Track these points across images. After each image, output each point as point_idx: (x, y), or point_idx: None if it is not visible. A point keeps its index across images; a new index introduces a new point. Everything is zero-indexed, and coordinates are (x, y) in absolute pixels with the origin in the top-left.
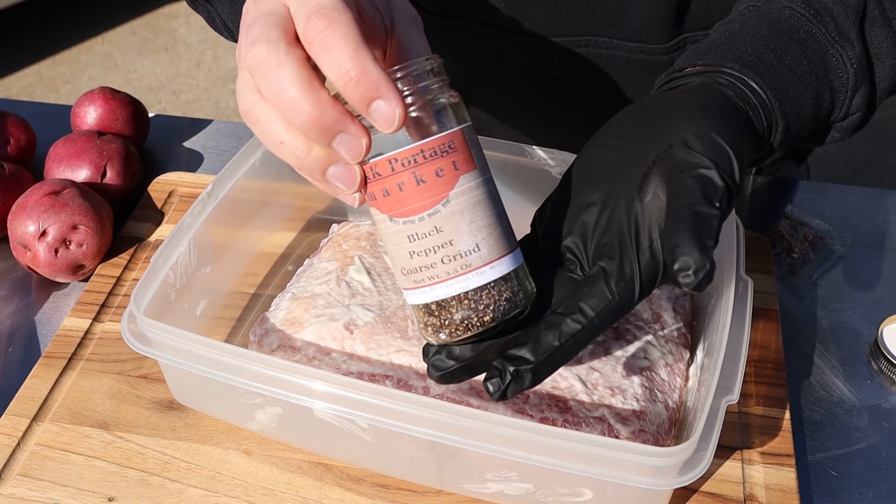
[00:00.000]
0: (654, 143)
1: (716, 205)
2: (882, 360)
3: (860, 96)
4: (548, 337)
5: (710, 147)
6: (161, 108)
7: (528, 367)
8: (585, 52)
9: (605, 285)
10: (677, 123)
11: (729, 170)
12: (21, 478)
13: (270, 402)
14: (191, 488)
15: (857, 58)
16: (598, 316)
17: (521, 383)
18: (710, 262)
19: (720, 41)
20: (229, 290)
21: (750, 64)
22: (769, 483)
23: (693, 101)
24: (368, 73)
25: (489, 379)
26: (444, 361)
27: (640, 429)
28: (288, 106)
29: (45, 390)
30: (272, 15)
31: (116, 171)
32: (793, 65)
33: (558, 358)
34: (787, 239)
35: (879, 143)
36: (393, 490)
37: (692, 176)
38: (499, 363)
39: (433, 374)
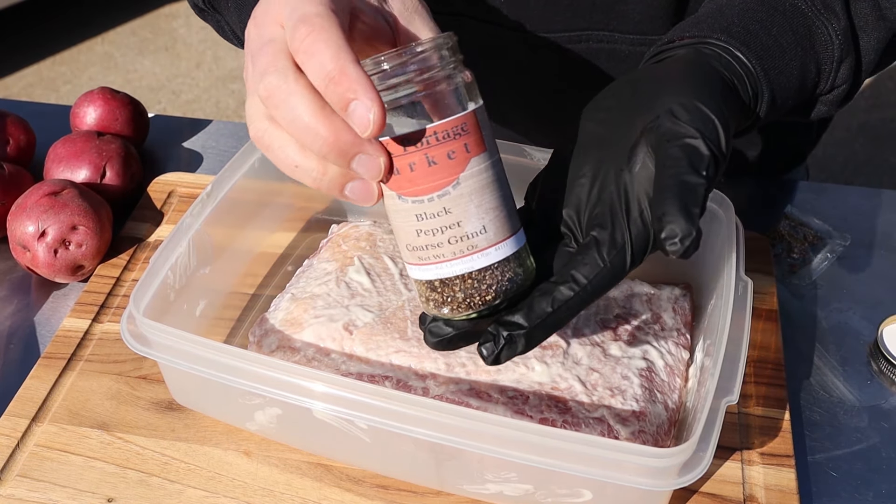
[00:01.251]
0: (642, 114)
1: (702, 173)
2: (882, 360)
3: (846, 68)
4: (541, 303)
5: (696, 116)
6: (161, 108)
7: (521, 332)
8: (586, 47)
9: (598, 253)
10: (663, 94)
11: (715, 139)
12: (20, 478)
13: (270, 402)
14: (190, 489)
15: (843, 30)
16: (590, 283)
17: (515, 348)
18: (696, 229)
19: (708, 14)
20: (229, 291)
21: (736, 34)
22: (769, 483)
23: (679, 72)
24: (347, 73)
25: (483, 343)
26: (442, 328)
27: (640, 429)
28: (303, 132)
29: (44, 391)
30: (275, 42)
31: (116, 171)
32: (778, 36)
33: (551, 324)
34: (787, 239)
35: (879, 143)
36: (393, 491)
37: (678, 145)
38: (493, 328)
39: (430, 339)
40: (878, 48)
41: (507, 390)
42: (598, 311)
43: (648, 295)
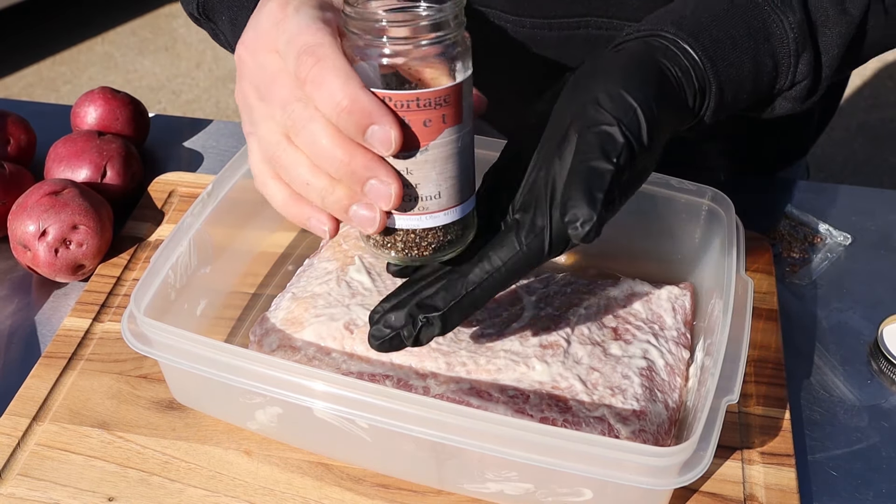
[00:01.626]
0: (574, 102)
1: (612, 160)
2: (882, 360)
3: (804, 63)
4: (456, 285)
5: (618, 104)
6: (161, 108)
7: (437, 315)
8: (585, 34)
9: (515, 237)
10: (595, 84)
11: (634, 127)
12: (21, 478)
13: (270, 402)
14: (191, 488)
15: (798, 23)
16: (504, 265)
17: (433, 330)
18: (597, 214)
19: (669, 8)
20: (229, 290)
21: (685, 27)
22: (769, 483)
23: (617, 63)
24: (359, 101)
25: (404, 327)
26: (381, 331)
27: (641, 429)
28: (321, 154)
29: (45, 390)
30: (283, 72)
31: (116, 171)
32: (731, 29)
33: (466, 305)
34: (787, 239)
35: (879, 143)
36: (393, 490)
37: (595, 132)
38: (412, 310)
39: (373, 343)
40: (840, 42)
41: (508, 389)
42: (598, 311)
43: (649, 294)
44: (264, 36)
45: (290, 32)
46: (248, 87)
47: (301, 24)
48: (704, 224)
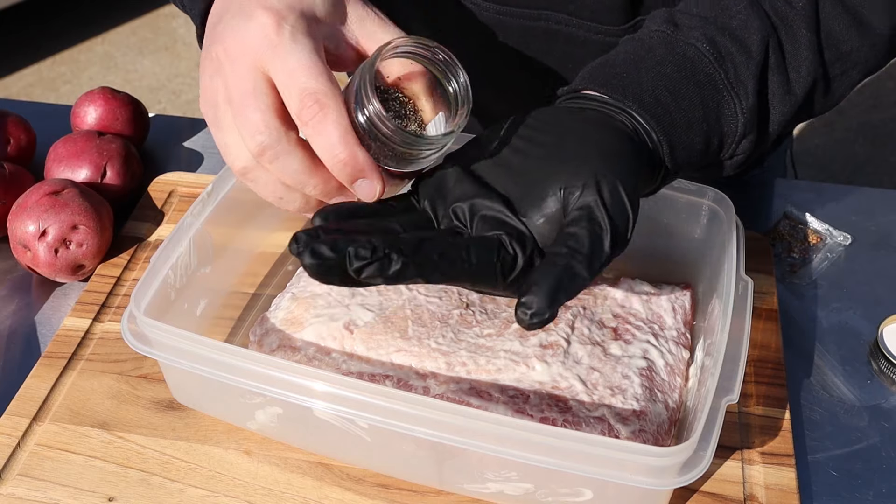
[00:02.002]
0: (566, 171)
1: (593, 268)
2: (882, 360)
3: (747, 142)
4: (431, 248)
5: (616, 205)
6: (161, 108)
7: (401, 258)
8: (545, 27)
9: (496, 253)
10: (591, 162)
11: (622, 232)
12: (21, 478)
13: (270, 402)
14: (191, 488)
15: (749, 108)
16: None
17: (385, 267)
18: (550, 314)
19: (624, 68)
20: (229, 290)
21: (648, 106)
22: (769, 483)
23: (606, 142)
24: (356, 158)
25: (359, 246)
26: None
27: (640, 429)
28: (295, 182)
29: (45, 390)
30: (261, 94)
31: (116, 171)
32: (688, 110)
33: (427, 268)
34: (787, 239)
35: (879, 143)
36: (393, 490)
37: (588, 230)
38: (376, 240)
39: (309, 263)
40: (781, 121)
41: (508, 389)
42: (598, 311)
43: (649, 294)
44: (252, 50)
45: (290, 67)
46: (220, 86)
47: (302, 60)
48: (704, 224)
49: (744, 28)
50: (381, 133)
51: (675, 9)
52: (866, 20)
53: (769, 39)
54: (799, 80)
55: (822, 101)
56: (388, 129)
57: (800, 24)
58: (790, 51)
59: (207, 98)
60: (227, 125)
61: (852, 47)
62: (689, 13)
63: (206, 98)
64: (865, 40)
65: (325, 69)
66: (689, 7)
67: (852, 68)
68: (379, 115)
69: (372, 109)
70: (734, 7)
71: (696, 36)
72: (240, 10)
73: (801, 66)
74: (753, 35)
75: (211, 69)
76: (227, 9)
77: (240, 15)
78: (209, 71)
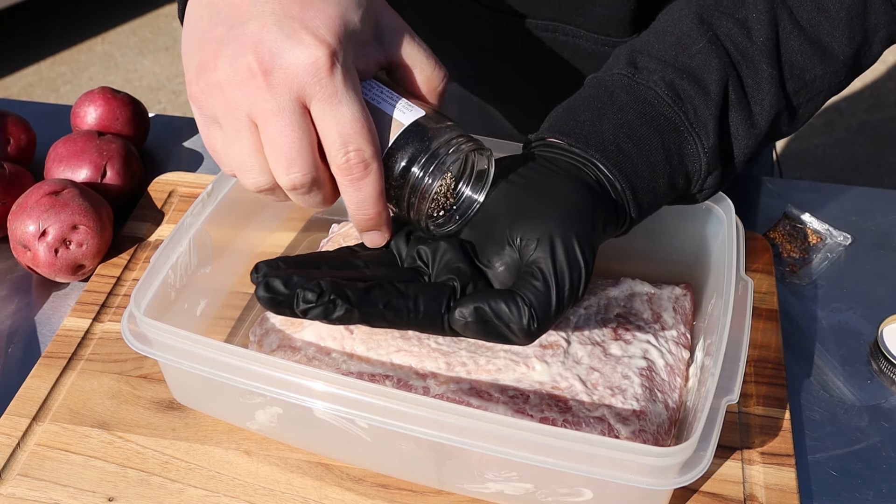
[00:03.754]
0: (525, 224)
1: (528, 328)
2: (882, 360)
3: (713, 178)
4: (377, 302)
5: (569, 260)
6: (161, 108)
7: (344, 305)
8: (552, 38)
9: (445, 303)
10: (549, 217)
11: (574, 286)
12: (21, 478)
13: (270, 402)
14: (191, 488)
15: (711, 148)
16: (413, 316)
17: (329, 311)
18: (473, 321)
19: (587, 115)
20: (229, 290)
21: (610, 155)
22: (769, 483)
23: (567, 196)
24: (381, 216)
25: (307, 289)
26: (278, 288)
27: (640, 429)
28: (313, 207)
29: (45, 390)
30: (304, 133)
31: (116, 171)
32: (650, 155)
33: (373, 316)
34: (787, 239)
35: (879, 143)
36: (393, 490)
37: (535, 286)
38: (325, 284)
39: (262, 296)
40: (746, 153)
41: (508, 389)
42: (598, 311)
43: (649, 294)
44: (299, 82)
45: (342, 119)
46: (243, 101)
47: (354, 112)
48: (704, 224)
49: (703, 68)
50: (409, 211)
51: (637, 48)
52: (828, 48)
53: (728, 78)
54: (762, 113)
55: (788, 128)
56: (418, 215)
57: (760, 58)
58: (751, 85)
59: (221, 102)
60: (247, 146)
61: (815, 75)
62: (649, 54)
63: (219, 101)
64: (828, 68)
65: (371, 126)
66: (651, 46)
67: (817, 95)
68: (423, 200)
69: (423, 194)
70: (694, 46)
71: (654, 80)
72: (278, 24)
73: (764, 99)
74: (712, 75)
75: (234, 75)
76: (253, 10)
77: (279, 29)
78: (230, 76)
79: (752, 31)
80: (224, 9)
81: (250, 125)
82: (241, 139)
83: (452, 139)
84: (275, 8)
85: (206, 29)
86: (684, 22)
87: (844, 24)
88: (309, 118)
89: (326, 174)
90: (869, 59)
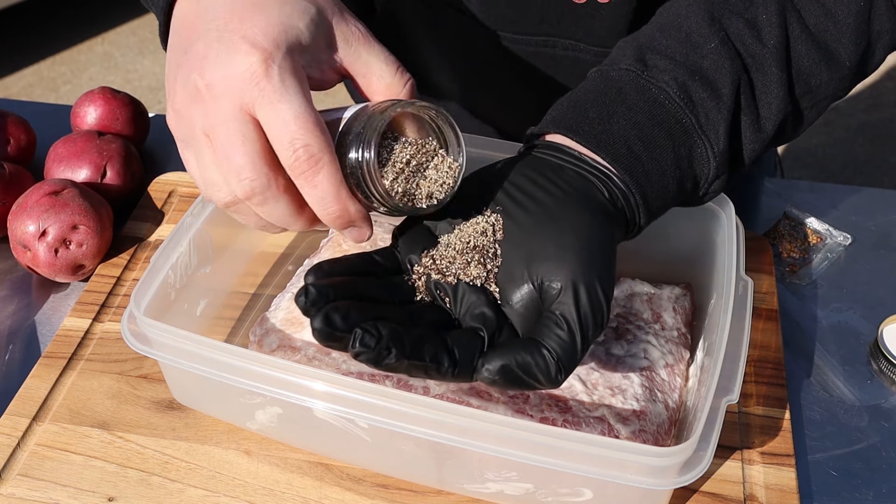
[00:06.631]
0: (544, 265)
1: (555, 378)
2: (882, 360)
3: (719, 182)
4: (426, 354)
5: (593, 305)
6: (161, 108)
7: (398, 355)
8: (550, 53)
9: (477, 355)
10: (569, 260)
11: (598, 328)
12: (21, 478)
13: (270, 402)
14: (191, 488)
15: (721, 152)
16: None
17: (380, 358)
18: (498, 379)
19: (595, 112)
20: (229, 290)
21: (621, 158)
22: (769, 483)
23: (586, 230)
24: (347, 211)
25: (366, 331)
26: (332, 326)
27: (640, 429)
28: (284, 222)
29: (45, 390)
30: (249, 139)
31: (116, 171)
32: (660, 158)
33: (416, 369)
34: (787, 239)
35: (879, 143)
36: (393, 490)
37: (562, 332)
38: (384, 330)
39: (318, 334)
40: (752, 157)
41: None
42: None
43: (649, 294)
44: (238, 90)
45: (283, 117)
46: (199, 117)
47: (295, 109)
48: (704, 224)
49: (715, 70)
50: (372, 194)
51: (644, 42)
52: (835, 53)
53: (740, 81)
54: (770, 117)
55: (792, 132)
56: (378, 193)
57: (771, 62)
58: (760, 89)
59: (183, 124)
60: (208, 162)
61: (821, 81)
62: (659, 52)
63: (182, 124)
64: (835, 73)
65: (317, 119)
66: (658, 42)
67: (822, 100)
68: (372, 177)
69: (368, 169)
70: (706, 46)
71: (666, 80)
72: (220, 38)
73: (772, 103)
74: (725, 77)
75: (187, 96)
76: (201, 29)
77: (220, 43)
78: (184, 98)
79: (762, 32)
80: (182, 33)
81: (206, 141)
82: (203, 156)
83: (379, 111)
84: (218, 24)
85: (171, 58)
86: (693, 19)
87: (852, 31)
88: (256, 124)
89: (284, 180)
90: (872, 65)
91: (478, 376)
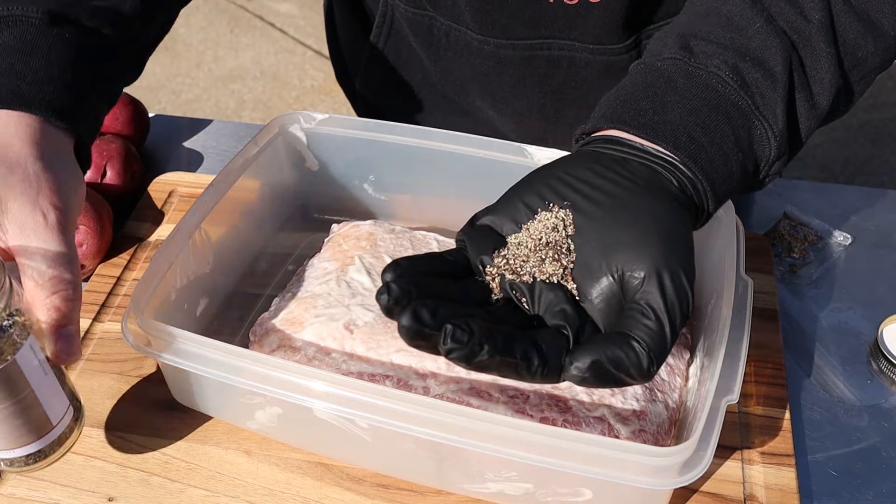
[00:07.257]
0: (624, 254)
1: (647, 370)
2: (882, 360)
3: (779, 164)
4: (516, 351)
5: (678, 294)
6: (161, 108)
7: (490, 351)
8: (546, 54)
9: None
10: (650, 247)
11: (685, 317)
12: (21, 478)
13: (270, 402)
14: (191, 488)
15: (780, 132)
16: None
17: (472, 355)
18: (590, 376)
19: (648, 103)
20: (229, 290)
21: (684, 147)
22: (769, 483)
23: (661, 217)
24: None
25: (458, 327)
26: (420, 321)
27: (640, 428)
28: None
29: None
30: None
31: (116, 171)
32: (721, 143)
33: (506, 367)
34: (787, 239)
35: (879, 143)
36: (393, 490)
37: (650, 321)
38: (475, 325)
39: (405, 331)
40: (808, 135)
41: (508, 389)
42: None
43: None
44: None
45: None
46: None
47: None
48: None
49: (764, 49)
50: None
51: (684, 31)
52: (878, 24)
53: (791, 59)
54: (822, 92)
55: (845, 106)
56: None
57: (818, 37)
58: (811, 66)
59: None
60: None
61: (867, 53)
62: (703, 38)
63: None
64: (879, 44)
65: None
66: (700, 30)
67: (870, 72)
68: None
69: None
70: (751, 27)
71: (716, 64)
72: None
73: (824, 79)
74: (775, 56)
75: None
76: None
77: None
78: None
79: (805, 9)
80: None
81: None
82: None
83: None
84: None
85: None
86: (732, 2)
87: (891, 0)
88: None
89: None
90: None
91: (566, 375)
